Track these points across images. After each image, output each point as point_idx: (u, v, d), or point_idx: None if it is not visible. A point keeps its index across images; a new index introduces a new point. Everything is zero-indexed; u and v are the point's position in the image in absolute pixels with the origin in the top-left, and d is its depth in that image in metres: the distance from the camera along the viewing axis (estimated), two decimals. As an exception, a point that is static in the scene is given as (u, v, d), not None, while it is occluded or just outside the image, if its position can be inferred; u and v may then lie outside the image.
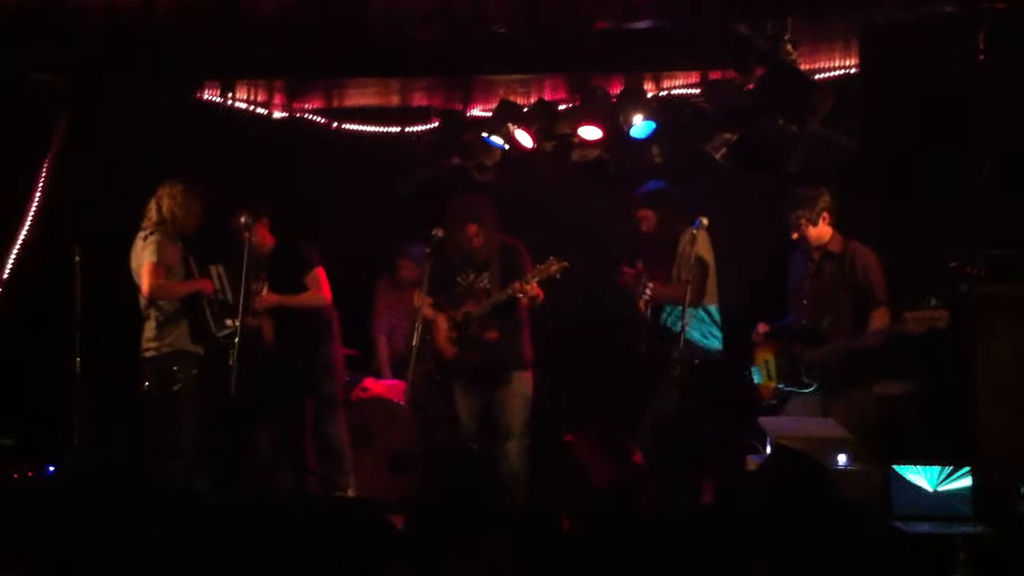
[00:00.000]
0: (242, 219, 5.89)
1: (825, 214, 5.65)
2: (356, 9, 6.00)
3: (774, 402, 5.78)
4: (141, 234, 6.01)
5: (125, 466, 5.97)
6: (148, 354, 5.98)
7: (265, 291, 6.23)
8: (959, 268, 5.25)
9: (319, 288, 6.34)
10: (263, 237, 6.33)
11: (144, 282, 5.91)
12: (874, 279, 5.56)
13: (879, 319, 5.46)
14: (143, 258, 5.93)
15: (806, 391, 5.62)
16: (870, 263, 5.60)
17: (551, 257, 5.91)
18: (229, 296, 6.10)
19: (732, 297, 6.28)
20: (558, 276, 5.91)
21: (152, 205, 6.03)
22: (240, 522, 4.02)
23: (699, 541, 3.80)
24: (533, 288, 5.91)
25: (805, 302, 5.73)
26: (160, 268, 5.91)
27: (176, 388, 5.88)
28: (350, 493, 6.52)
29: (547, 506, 5.89)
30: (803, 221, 5.64)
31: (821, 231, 5.68)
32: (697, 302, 5.93)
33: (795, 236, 5.71)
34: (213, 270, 6.15)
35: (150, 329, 5.99)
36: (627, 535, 3.91)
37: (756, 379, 5.91)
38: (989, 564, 4.60)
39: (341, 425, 6.53)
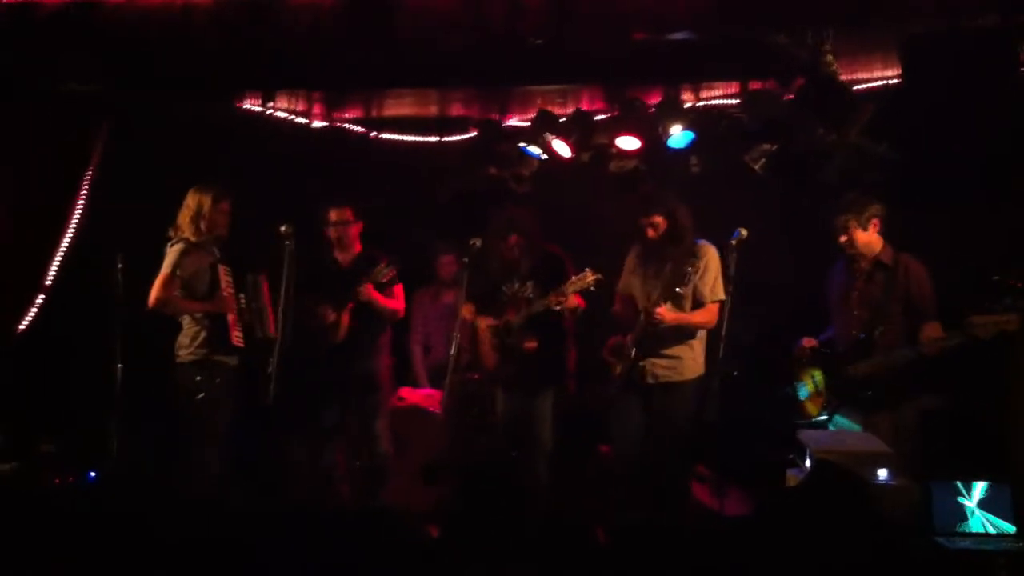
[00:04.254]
0: (284, 228, 5.91)
1: (875, 221, 5.58)
2: (390, 21, 6.03)
3: (823, 417, 5.68)
4: (169, 243, 6.04)
5: (154, 474, 6.01)
6: (177, 360, 6.02)
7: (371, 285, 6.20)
8: (1003, 281, 5.19)
9: (399, 302, 6.41)
10: (356, 241, 6.41)
11: (151, 293, 5.92)
12: (926, 292, 5.51)
13: (930, 332, 5.39)
14: (161, 268, 5.96)
15: (853, 408, 5.57)
16: (922, 276, 5.54)
17: (587, 269, 5.87)
18: (263, 306, 6.11)
19: (764, 312, 6.24)
20: (593, 288, 5.88)
21: (180, 213, 6.06)
22: (270, 531, 4.03)
23: (738, 555, 3.78)
24: (570, 299, 5.88)
25: (855, 313, 5.65)
26: (171, 280, 5.91)
27: (199, 397, 5.88)
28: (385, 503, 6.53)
29: (582, 517, 5.87)
30: (852, 224, 5.57)
31: (871, 239, 5.60)
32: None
33: (843, 239, 5.62)
34: (249, 278, 6.16)
35: (181, 336, 6.02)
36: (662, 548, 3.89)
37: (802, 395, 5.84)
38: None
39: (388, 433, 6.54)
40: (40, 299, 6.77)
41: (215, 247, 6.09)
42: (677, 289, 5.68)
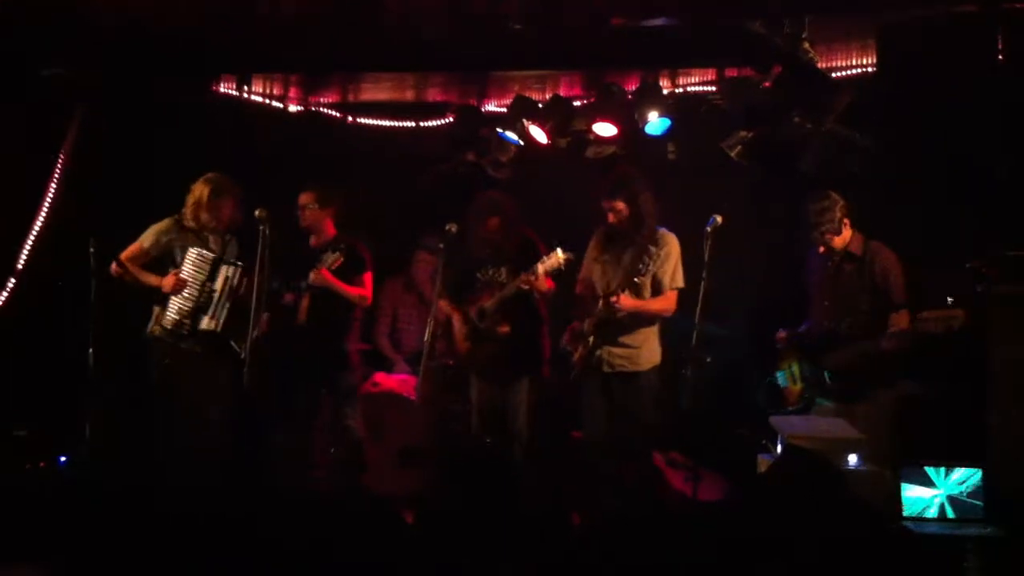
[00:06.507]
0: (258, 212, 5.88)
1: (847, 221, 5.61)
2: (372, 5, 6.01)
3: (800, 406, 5.70)
4: None
5: (125, 460, 6.00)
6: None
7: (324, 269, 6.17)
8: (977, 269, 5.21)
9: (365, 289, 6.36)
10: (327, 226, 6.37)
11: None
12: (894, 281, 5.52)
13: (899, 321, 5.41)
14: None
15: (829, 396, 5.60)
16: (890, 265, 5.56)
17: (557, 249, 5.79)
18: (221, 299, 6.08)
19: (748, 299, 6.23)
20: (563, 267, 5.79)
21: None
22: (246, 518, 4.02)
23: (709, 540, 3.79)
24: (541, 281, 5.82)
25: (826, 303, 5.69)
26: (137, 251, 6.05)
27: (154, 373, 6.00)
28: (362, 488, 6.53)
29: (557, 503, 5.87)
30: (829, 236, 5.61)
31: (845, 236, 5.64)
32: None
33: (822, 250, 5.69)
34: (222, 269, 6.11)
35: None
36: (635, 533, 3.90)
37: (782, 383, 5.85)
38: (1000, 566, 4.58)
39: (359, 418, 6.54)
40: (12, 283, 6.74)
41: (216, 236, 6.13)
42: (635, 280, 5.63)
